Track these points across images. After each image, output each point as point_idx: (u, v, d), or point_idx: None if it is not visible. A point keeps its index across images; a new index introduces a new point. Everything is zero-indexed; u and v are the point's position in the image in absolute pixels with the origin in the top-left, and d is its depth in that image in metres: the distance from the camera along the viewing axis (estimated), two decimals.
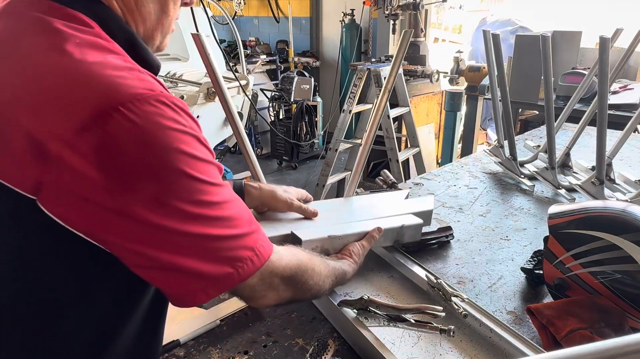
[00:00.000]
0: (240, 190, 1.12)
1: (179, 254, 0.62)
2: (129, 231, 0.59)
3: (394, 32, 4.75)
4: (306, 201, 1.22)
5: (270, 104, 5.71)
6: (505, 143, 1.92)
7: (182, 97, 3.06)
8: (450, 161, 4.09)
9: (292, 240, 1.07)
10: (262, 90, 5.68)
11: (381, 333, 0.94)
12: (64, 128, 0.56)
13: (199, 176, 0.62)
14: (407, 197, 1.41)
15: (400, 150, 3.84)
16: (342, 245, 1.12)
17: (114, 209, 0.58)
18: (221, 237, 0.65)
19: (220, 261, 0.65)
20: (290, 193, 1.19)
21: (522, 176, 1.87)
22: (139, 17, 0.72)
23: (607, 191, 1.62)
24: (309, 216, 1.18)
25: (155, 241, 0.61)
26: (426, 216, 1.29)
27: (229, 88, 2.65)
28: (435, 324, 0.87)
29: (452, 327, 0.84)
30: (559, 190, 1.74)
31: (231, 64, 2.88)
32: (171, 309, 0.76)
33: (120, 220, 0.59)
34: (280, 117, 5.67)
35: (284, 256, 0.77)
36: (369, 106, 3.83)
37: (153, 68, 0.74)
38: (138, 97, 0.58)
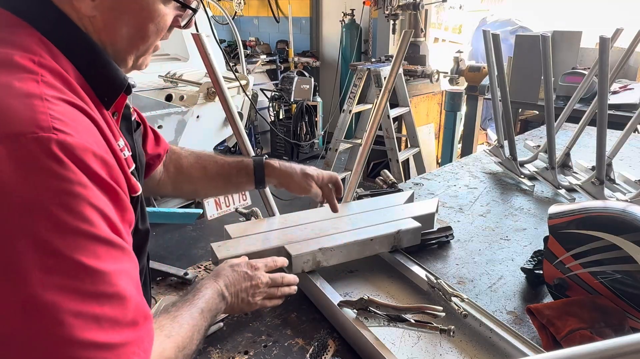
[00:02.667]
0: (260, 165, 1.13)
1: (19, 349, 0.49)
2: None
3: (394, 32, 4.75)
4: (336, 186, 1.21)
5: (270, 104, 5.71)
6: (505, 143, 1.92)
7: (181, 97, 3.06)
8: (450, 161, 4.09)
9: (284, 254, 1.08)
10: (262, 90, 5.68)
11: (381, 333, 0.94)
12: None
13: (67, 253, 0.50)
14: (412, 198, 1.41)
15: (400, 150, 3.85)
16: (336, 257, 1.13)
17: None
18: (74, 342, 0.49)
19: None
20: (312, 177, 1.17)
21: (522, 176, 1.87)
22: (106, 38, 0.68)
23: (607, 191, 1.62)
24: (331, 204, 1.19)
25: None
26: (427, 219, 1.29)
27: (229, 88, 2.65)
28: (435, 324, 0.87)
29: (452, 327, 0.84)
30: (559, 190, 1.74)
31: (231, 64, 2.88)
32: None
33: None
34: (280, 117, 5.67)
35: (164, 346, 0.66)
36: (369, 106, 3.83)
37: (114, 86, 0.69)
38: (16, 134, 0.50)
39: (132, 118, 0.86)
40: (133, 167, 0.76)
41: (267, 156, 1.15)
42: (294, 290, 1.01)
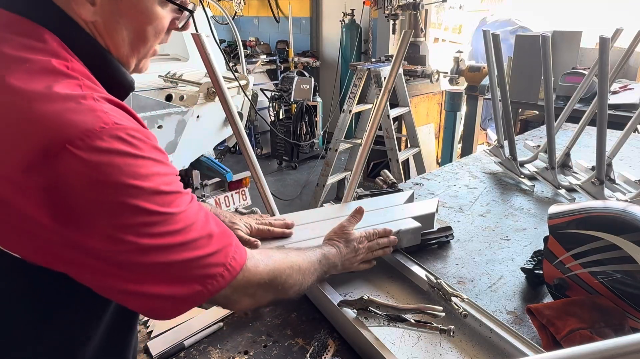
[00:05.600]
0: None
1: (143, 283, 0.61)
2: (89, 267, 0.59)
3: (394, 32, 4.75)
4: (287, 226, 1.19)
5: (270, 104, 5.71)
6: (505, 143, 1.92)
7: (182, 97, 3.06)
8: (450, 161, 4.09)
9: None
10: (262, 90, 5.68)
11: (381, 333, 0.94)
12: (9, 169, 0.54)
13: (157, 209, 0.60)
14: (412, 198, 1.41)
15: (400, 150, 3.85)
16: None
17: (70, 247, 0.57)
18: (186, 261, 0.64)
19: (187, 281, 0.64)
20: (238, 228, 1.13)
21: (522, 176, 1.87)
22: (110, 42, 0.70)
23: (607, 191, 1.62)
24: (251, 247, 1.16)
25: (117, 274, 0.60)
26: (427, 219, 1.29)
27: (229, 88, 2.65)
28: (435, 324, 0.87)
29: (452, 327, 0.84)
30: (559, 190, 1.74)
31: (231, 64, 2.88)
32: None
33: (79, 256, 0.58)
34: (280, 117, 5.67)
35: (260, 262, 0.77)
36: (369, 106, 3.83)
37: (124, 87, 0.73)
38: (88, 134, 0.55)
39: None
40: None
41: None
42: (389, 251, 1.18)
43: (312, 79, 5.73)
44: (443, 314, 0.88)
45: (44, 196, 0.54)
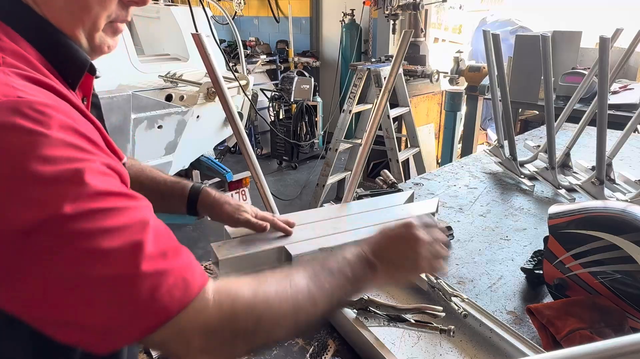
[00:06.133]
0: (196, 191, 1.07)
1: (53, 306, 0.49)
2: None
3: (394, 32, 4.75)
4: (273, 225, 1.10)
5: (270, 104, 5.71)
6: (505, 143, 1.92)
7: (182, 97, 3.06)
8: (450, 161, 4.09)
9: (284, 254, 1.08)
10: (262, 90, 5.68)
11: (381, 333, 0.94)
12: None
13: (76, 205, 0.49)
14: (412, 198, 1.41)
15: (400, 150, 3.85)
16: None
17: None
18: (99, 279, 0.49)
19: (108, 307, 0.50)
20: (246, 209, 1.09)
21: (522, 176, 1.87)
22: (46, 10, 0.61)
23: (607, 191, 1.62)
24: (257, 229, 1.08)
25: (20, 296, 0.49)
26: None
27: (229, 88, 2.65)
28: (435, 324, 0.87)
29: (452, 327, 0.84)
30: (559, 190, 1.74)
31: (231, 64, 2.87)
32: None
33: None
34: (280, 117, 5.67)
35: (212, 303, 0.56)
36: (369, 106, 3.83)
37: (76, 64, 0.64)
38: None
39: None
40: None
41: (207, 184, 1.12)
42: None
43: (312, 79, 5.73)
44: (443, 314, 0.88)
45: None
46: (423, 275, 1.10)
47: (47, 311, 0.49)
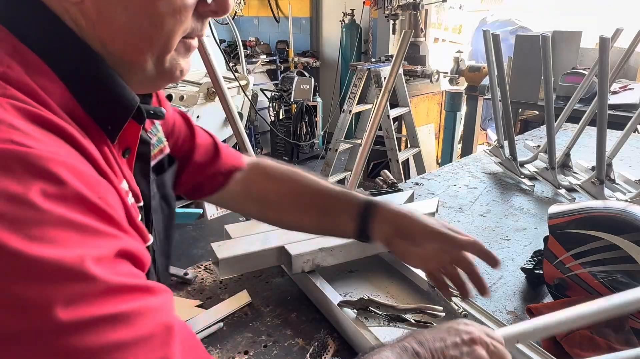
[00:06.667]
0: (369, 204, 0.81)
1: None
2: None
3: (394, 32, 4.75)
4: (480, 254, 0.82)
5: (270, 104, 5.71)
6: (505, 143, 1.92)
7: (182, 97, 3.06)
8: (450, 161, 4.09)
9: (284, 254, 1.08)
10: (262, 90, 5.68)
11: (381, 333, 0.94)
12: None
13: (77, 310, 0.35)
14: (412, 198, 1.41)
15: (400, 150, 3.85)
16: (336, 257, 1.11)
17: None
18: None
19: None
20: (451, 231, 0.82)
21: (522, 176, 1.87)
22: (104, 33, 0.49)
23: (607, 191, 1.62)
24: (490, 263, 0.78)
25: None
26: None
27: (229, 88, 2.65)
28: (435, 325, 0.87)
29: None
30: (559, 190, 1.74)
31: (231, 64, 2.87)
32: None
33: None
34: (280, 117, 5.67)
35: None
36: (369, 106, 3.83)
37: (118, 107, 0.51)
38: None
39: (158, 159, 0.68)
40: (139, 217, 0.57)
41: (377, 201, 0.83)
42: None
43: (312, 79, 5.73)
44: (443, 314, 0.88)
45: None
46: (423, 275, 1.10)
47: None
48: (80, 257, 0.36)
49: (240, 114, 3.55)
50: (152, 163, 0.67)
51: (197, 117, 3.09)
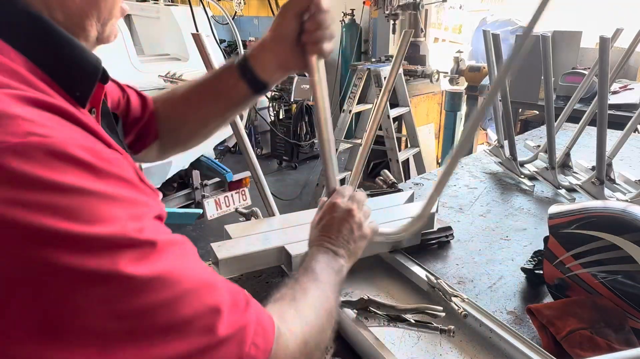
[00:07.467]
0: (243, 56, 0.85)
1: None
2: None
3: (394, 32, 4.75)
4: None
5: (270, 104, 5.71)
6: (505, 143, 1.92)
7: None
8: None
9: (284, 254, 1.08)
10: None
11: (381, 333, 0.94)
12: None
13: (111, 269, 0.39)
14: (412, 198, 1.41)
15: (400, 150, 3.85)
16: None
17: None
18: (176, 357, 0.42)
19: None
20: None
21: (522, 176, 1.87)
22: (55, 2, 0.49)
23: (607, 191, 1.62)
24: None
25: None
26: (427, 219, 1.29)
27: None
28: (435, 325, 0.87)
29: (452, 327, 0.84)
30: (559, 190, 1.74)
31: None
32: None
33: None
34: (280, 117, 5.67)
35: (290, 338, 0.54)
36: (369, 106, 3.83)
37: (86, 72, 0.51)
38: None
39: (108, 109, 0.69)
40: None
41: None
42: None
43: None
44: (443, 314, 0.88)
45: None
46: (423, 275, 1.10)
47: None
48: (129, 228, 0.40)
49: (240, 114, 3.55)
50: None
51: None
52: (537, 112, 3.75)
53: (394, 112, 3.77)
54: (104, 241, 0.39)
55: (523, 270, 1.21)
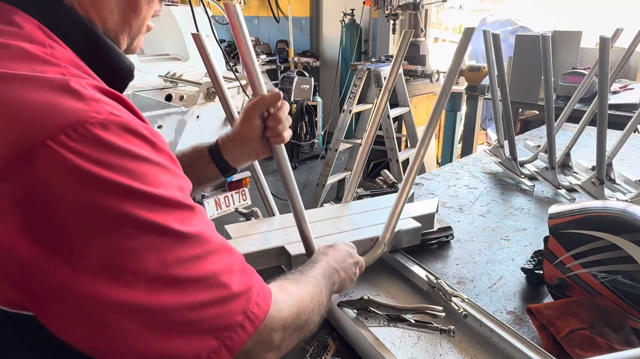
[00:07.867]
0: (214, 143, 0.94)
1: (144, 336, 0.47)
2: (79, 311, 0.45)
3: (394, 32, 4.75)
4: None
5: None
6: (505, 143, 1.92)
7: (181, 97, 3.06)
8: (450, 161, 4.09)
9: (284, 254, 1.08)
10: None
11: (381, 333, 0.94)
12: None
13: (169, 225, 0.49)
14: (412, 198, 1.41)
15: (400, 150, 3.85)
16: None
17: (58, 285, 0.44)
18: (201, 304, 0.50)
19: (199, 334, 0.50)
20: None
21: (522, 176, 1.87)
22: (96, 16, 0.58)
23: (607, 191, 1.62)
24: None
25: (114, 323, 0.46)
26: (427, 220, 1.29)
27: (229, 88, 2.65)
28: (435, 325, 0.87)
29: (452, 327, 0.84)
30: (559, 190, 1.74)
31: (231, 64, 2.87)
32: None
33: (68, 298, 0.45)
34: None
35: (284, 305, 0.62)
36: (369, 106, 3.83)
37: (121, 72, 0.61)
38: (74, 126, 0.44)
39: None
40: None
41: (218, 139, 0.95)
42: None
43: (312, 79, 5.73)
44: (443, 314, 0.88)
45: (19, 213, 0.42)
46: (423, 275, 1.10)
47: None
48: (177, 194, 0.51)
49: None
50: None
51: (197, 117, 3.09)
52: (537, 112, 3.75)
53: (394, 112, 3.77)
54: (161, 201, 0.48)
55: (523, 270, 1.21)
